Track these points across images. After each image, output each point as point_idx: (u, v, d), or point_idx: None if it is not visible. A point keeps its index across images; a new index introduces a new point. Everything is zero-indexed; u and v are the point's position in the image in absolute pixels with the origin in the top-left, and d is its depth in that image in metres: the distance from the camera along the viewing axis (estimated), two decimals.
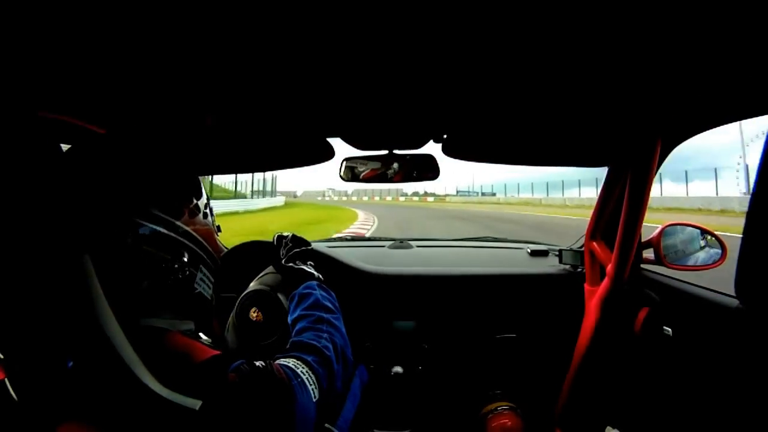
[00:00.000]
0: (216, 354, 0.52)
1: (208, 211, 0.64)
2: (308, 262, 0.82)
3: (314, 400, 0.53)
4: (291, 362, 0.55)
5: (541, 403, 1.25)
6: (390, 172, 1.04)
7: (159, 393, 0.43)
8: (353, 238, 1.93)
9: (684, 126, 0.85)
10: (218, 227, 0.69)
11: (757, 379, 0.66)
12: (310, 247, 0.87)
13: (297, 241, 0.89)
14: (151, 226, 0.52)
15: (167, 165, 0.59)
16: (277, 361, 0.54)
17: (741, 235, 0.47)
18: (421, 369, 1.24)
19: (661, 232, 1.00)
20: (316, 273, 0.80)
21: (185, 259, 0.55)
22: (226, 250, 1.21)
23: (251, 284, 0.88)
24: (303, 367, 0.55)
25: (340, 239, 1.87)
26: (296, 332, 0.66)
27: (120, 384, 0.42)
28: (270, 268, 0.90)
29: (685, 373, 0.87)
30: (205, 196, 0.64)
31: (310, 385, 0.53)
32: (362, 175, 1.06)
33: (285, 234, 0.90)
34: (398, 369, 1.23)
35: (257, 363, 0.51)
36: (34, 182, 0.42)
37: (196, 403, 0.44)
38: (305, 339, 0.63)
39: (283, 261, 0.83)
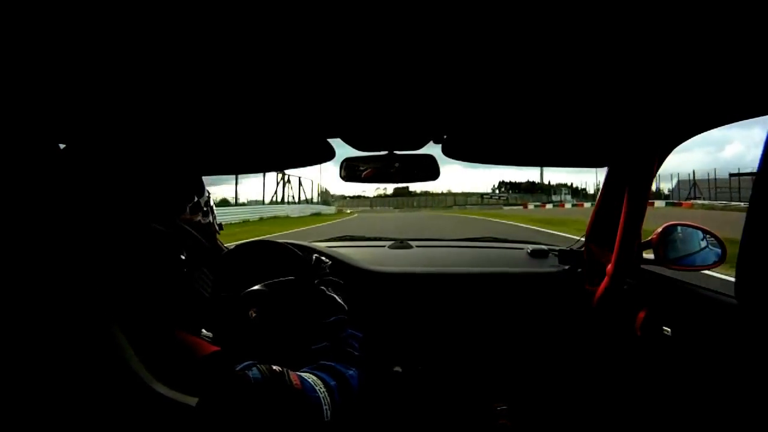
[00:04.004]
0: (217, 350, 0.52)
1: (208, 209, 0.64)
2: (339, 293, 0.82)
3: (326, 419, 0.53)
4: (311, 379, 0.55)
5: (541, 403, 1.25)
6: (390, 172, 1.04)
7: (159, 391, 0.43)
8: (353, 238, 1.93)
9: (683, 126, 0.85)
10: (220, 225, 0.70)
11: (756, 380, 0.66)
12: (342, 283, 0.86)
13: (334, 272, 0.88)
14: (150, 225, 0.52)
15: (168, 164, 0.59)
16: (298, 373, 0.54)
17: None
18: (421, 369, 1.24)
19: (661, 232, 1.00)
20: (345, 307, 0.79)
21: (183, 258, 0.55)
22: (221, 246, 1.21)
23: (256, 286, 0.89)
24: (321, 386, 0.55)
25: (340, 239, 1.87)
26: (324, 358, 0.66)
27: (121, 383, 0.42)
28: (287, 279, 0.92)
29: (685, 374, 0.87)
30: (206, 195, 0.64)
31: (324, 405, 0.53)
32: (362, 175, 1.06)
33: (325, 260, 0.89)
34: (398, 368, 1.23)
35: (274, 367, 0.51)
36: (36, 184, 0.42)
37: (195, 401, 0.44)
38: (332, 364, 0.63)
39: (315, 281, 0.84)
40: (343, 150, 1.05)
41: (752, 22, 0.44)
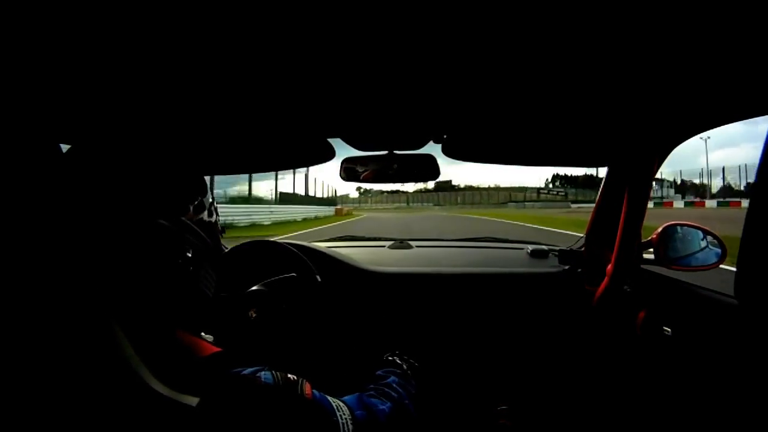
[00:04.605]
0: (218, 351, 0.52)
1: (213, 209, 0.64)
2: (405, 361, 0.85)
3: None
4: (335, 403, 0.52)
5: (541, 403, 1.25)
6: (390, 172, 1.05)
7: (159, 391, 0.43)
8: (353, 238, 1.93)
9: (683, 126, 0.85)
10: (223, 228, 0.69)
11: (756, 380, 0.66)
12: (417, 365, 0.89)
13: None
14: (156, 222, 0.52)
15: (173, 163, 0.58)
16: (315, 392, 0.51)
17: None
18: (418, 365, 1.25)
19: (661, 232, 1.00)
20: (404, 366, 0.83)
21: (189, 256, 0.54)
22: (222, 246, 1.21)
23: (256, 286, 0.89)
24: (345, 412, 0.52)
25: (341, 239, 1.87)
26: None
27: (120, 382, 0.42)
28: (288, 276, 0.96)
29: (685, 374, 0.87)
30: (210, 195, 0.64)
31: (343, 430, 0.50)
32: (362, 175, 1.06)
33: (397, 357, 0.90)
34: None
35: (289, 375, 0.49)
36: (37, 182, 0.42)
37: (196, 401, 0.44)
38: (363, 396, 0.61)
39: (387, 355, 0.89)
40: (343, 150, 1.05)
41: (752, 22, 0.44)
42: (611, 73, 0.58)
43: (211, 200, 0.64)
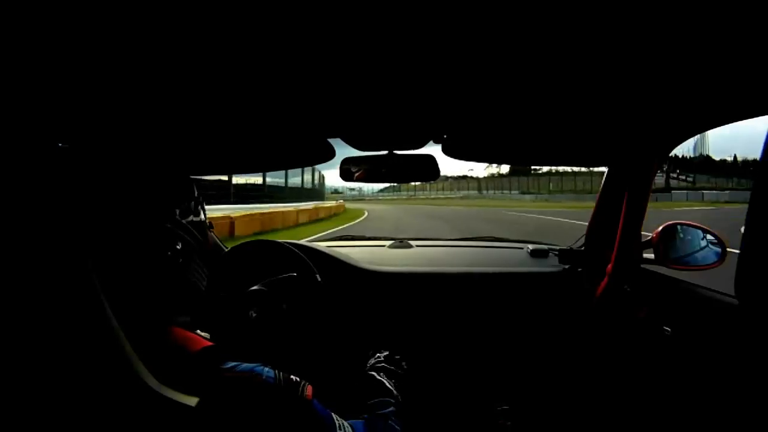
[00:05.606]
0: (211, 345, 0.52)
1: (200, 209, 0.65)
2: (392, 381, 0.81)
3: None
4: (338, 421, 0.53)
5: (541, 403, 1.25)
6: (389, 172, 1.05)
7: (156, 390, 0.43)
8: (353, 237, 1.93)
9: (683, 127, 0.85)
10: (210, 224, 0.70)
11: (756, 379, 0.66)
12: (400, 372, 0.86)
13: (391, 360, 0.88)
14: (146, 216, 0.52)
15: (163, 161, 0.59)
16: (317, 402, 0.52)
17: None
18: (405, 371, 1.25)
19: (661, 232, 1.00)
20: (394, 392, 0.78)
21: (178, 248, 0.55)
22: (221, 246, 1.21)
23: (256, 286, 0.89)
24: (347, 430, 0.53)
25: (341, 238, 1.87)
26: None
27: (118, 379, 0.42)
28: (288, 276, 0.95)
29: (685, 373, 0.87)
30: (196, 192, 0.64)
31: None
32: (362, 175, 1.06)
33: (380, 355, 0.88)
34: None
35: (292, 376, 0.50)
36: (37, 185, 0.42)
37: (192, 400, 0.44)
38: (370, 418, 0.62)
39: (367, 368, 0.84)
40: (343, 150, 1.05)
41: (752, 22, 0.44)
42: (611, 73, 0.58)
43: (198, 198, 0.64)
